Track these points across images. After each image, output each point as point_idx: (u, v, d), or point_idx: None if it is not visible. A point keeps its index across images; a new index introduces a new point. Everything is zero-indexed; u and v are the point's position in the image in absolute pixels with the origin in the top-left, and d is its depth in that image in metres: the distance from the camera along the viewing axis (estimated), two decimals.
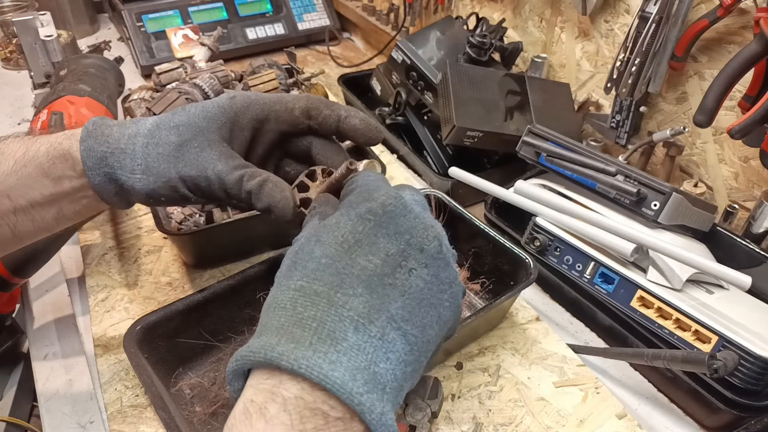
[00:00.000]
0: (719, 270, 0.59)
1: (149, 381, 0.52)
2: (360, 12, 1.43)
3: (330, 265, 0.34)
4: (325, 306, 0.33)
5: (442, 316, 0.37)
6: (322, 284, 0.34)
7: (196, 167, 0.47)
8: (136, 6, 1.29)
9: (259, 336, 0.33)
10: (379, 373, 0.32)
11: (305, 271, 0.35)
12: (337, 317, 0.32)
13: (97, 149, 0.47)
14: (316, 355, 0.31)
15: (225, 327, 0.61)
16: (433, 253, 0.36)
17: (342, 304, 0.33)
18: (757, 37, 0.67)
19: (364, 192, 0.39)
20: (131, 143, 0.47)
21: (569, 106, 0.95)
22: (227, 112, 0.49)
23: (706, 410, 0.59)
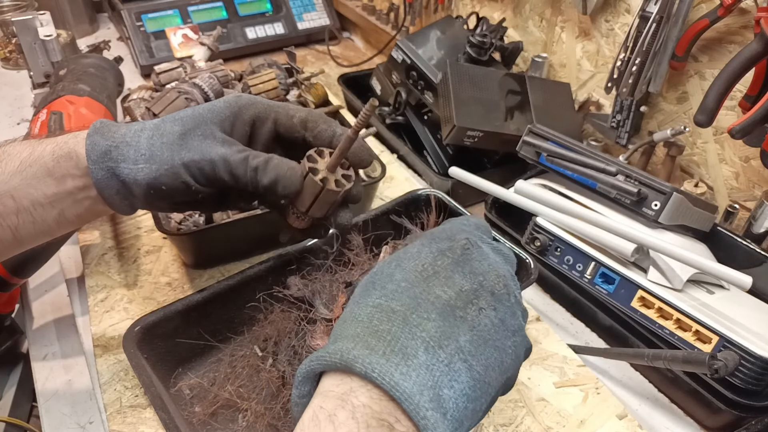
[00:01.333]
0: (720, 270, 0.59)
1: (149, 381, 0.51)
2: (360, 11, 1.43)
3: (408, 288, 0.36)
4: (400, 323, 0.34)
5: (504, 362, 0.38)
6: (400, 304, 0.35)
7: (200, 152, 0.48)
8: (135, 5, 1.29)
9: (334, 342, 0.34)
10: (443, 398, 0.33)
11: (384, 291, 0.37)
12: (411, 335, 0.34)
13: (101, 143, 0.47)
14: (389, 363, 0.32)
15: (225, 327, 0.61)
16: (502, 298, 0.38)
17: (416, 325, 0.34)
18: (758, 36, 0.67)
19: (449, 230, 0.42)
20: (137, 137, 0.48)
21: (570, 106, 0.95)
22: (232, 107, 0.51)
23: (707, 410, 0.59)
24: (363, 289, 0.38)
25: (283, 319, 0.57)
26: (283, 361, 0.55)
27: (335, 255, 0.66)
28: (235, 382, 0.56)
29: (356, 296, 0.38)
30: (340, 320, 0.37)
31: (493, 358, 0.36)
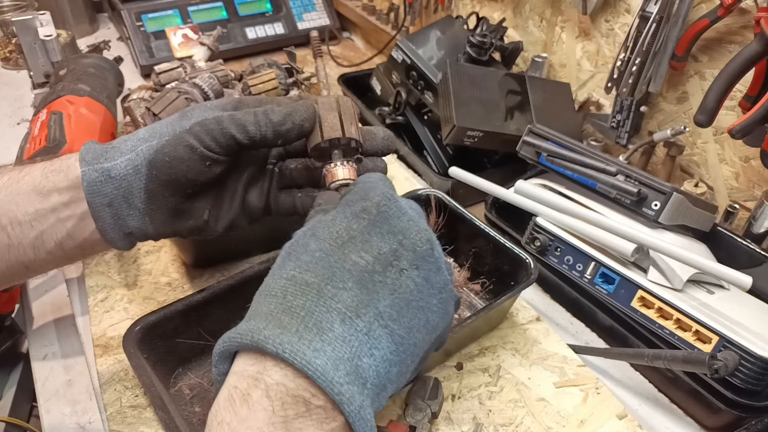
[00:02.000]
0: (720, 270, 0.59)
1: (149, 381, 0.51)
2: (360, 11, 1.43)
3: (323, 258, 0.35)
4: (314, 296, 0.33)
5: (430, 320, 0.37)
6: (314, 276, 0.34)
7: (202, 116, 0.45)
8: (135, 5, 1.29)
9: (248, 320, 0.34)
10: (362, 368, 0.33)
11: (298, 263, 0.35)
12: (325, 308, 0.33)
13: (97, 147, 0.46)
14: (301, 341, 0.32)
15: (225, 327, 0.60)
16: (424, 255, 0.37)
17: (331, 296, 0.34)
18: (758, 36, 0.67)
19: (361, 191, 0.39)
20: (134, 134, 0.46)
21: (570, 106, 0.95)
22: (233, 100, 0.49)
23: (707, 410, 0.59)
24: (280, 260, 0.37)
25: None
26: None
27: None
28: None
29: (273, 267, 0.37)
30: (257, 294, 0.36)
31: (417, 319, 0.36)
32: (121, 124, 0.97)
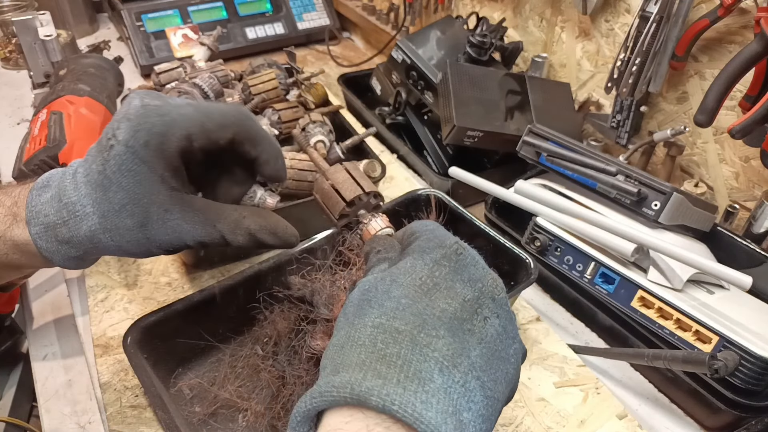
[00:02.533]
0: (720, 270, 0.59)
1: (149, 381, 0.51)
2: (360, 11, 1.43)
3: (410, 305, 0.33)
4: (408, 344, 0.31)
5: (509, 372, 0.35)
6: (404, 323, 0.32)
7: (170, 240, 0.44)
8: (135, 5, 1.29)
9: (336, 373, 0.30)
10: (464, 423, 0.30)
11: (383, 310, 0.33)
12: (422, 357, 0.31)
13: (69, 255, 0.45)
14: (407, 392, 0.29)
15: (225, 327, 0.61)
16: (502, 303, 0.36)
17: (426, 344, 0.31)
18: (758, 36, 0.67)
19: (434, 238, 0.38)
20: (97, 242, 0.44)
21: (570, 106, 0.95)
22: (153, 161, 0.42)
23: (707, 410, 0.59)
24: (357, 308, 0.34)
25: (283, 319, 0.57)
26: (283, 361, 0.55)
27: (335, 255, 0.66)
28: (235, 382, 0.56)
29: (348, 316, 0.34)
30: (334, 345, 0.33)
31: (501, 371, 0.34)
32: None
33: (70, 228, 0.44)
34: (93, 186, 0.43)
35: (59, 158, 0.79)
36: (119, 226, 0.43)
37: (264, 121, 0.83)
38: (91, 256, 0.46)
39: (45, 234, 0.44)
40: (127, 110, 0.42)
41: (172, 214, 0.44)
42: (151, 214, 0.43)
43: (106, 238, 0.44)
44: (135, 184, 0.42)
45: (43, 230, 0.44)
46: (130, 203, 0.43)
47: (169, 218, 0.44)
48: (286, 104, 0.85)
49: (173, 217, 0.44)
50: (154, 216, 0.43)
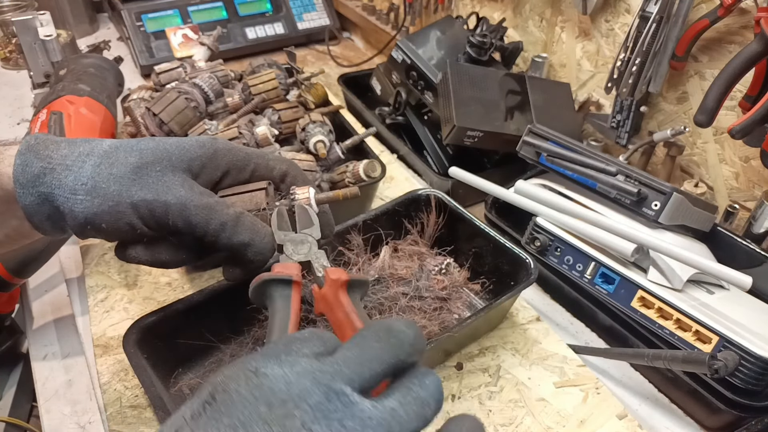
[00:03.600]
0: (720, 270, 0.59)
1: (149, 381, 0.51)
2: (360, 11, 1.43)
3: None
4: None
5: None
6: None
7: (154, 191, 0.42)
8: (135, 5, 1.29)
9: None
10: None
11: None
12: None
13: (34, 164, 0.41)
14: None
15: (225, 327, 0.61)
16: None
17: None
18: (758, 36, 0.67)
19: (224, 368, 0.31)
20: (80, 161, 0.42)
21: (570, 106, 0.95)
22: (206, 147, 0.45)
23: (707, 410, 0.59)
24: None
25: None
26: None
27: (335, 255, 0.66)
28: None
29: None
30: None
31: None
32: (121, 124, 0.97)
33: (70, 144, 0.42)
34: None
35: None
36: (120, 160, 0.42)
37: (264, 121, 0.83)
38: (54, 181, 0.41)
39: (39, 139, 0.42)
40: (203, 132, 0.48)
41: (175, 176, 0.43)
42: (157, 164, 0.42)
43: (94, 162, 0.41)
44: (170, 144, 0.44)
45: (43, 137, 0.42)
46: (148, 149, 0.43)
47: (169, 176, 0.43)
48: (286, 104, 0.85)
49: (173, 177, 0.43)
50: (158, 166, 0.42)
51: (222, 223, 0.43)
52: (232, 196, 0.47)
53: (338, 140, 0.83)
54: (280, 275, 0.42)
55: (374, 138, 1.00)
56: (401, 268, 0.65)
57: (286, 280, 0.41)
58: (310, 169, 0.75)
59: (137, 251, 0.45)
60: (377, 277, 0.64)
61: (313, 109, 0.89)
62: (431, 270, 0.65)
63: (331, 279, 0.42)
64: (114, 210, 0.41)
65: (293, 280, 0.41)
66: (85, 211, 0.41)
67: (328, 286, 0.43)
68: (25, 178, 0.41)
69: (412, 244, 0.70)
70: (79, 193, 0.41)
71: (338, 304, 0.42)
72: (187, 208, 0.42)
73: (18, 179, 0.41)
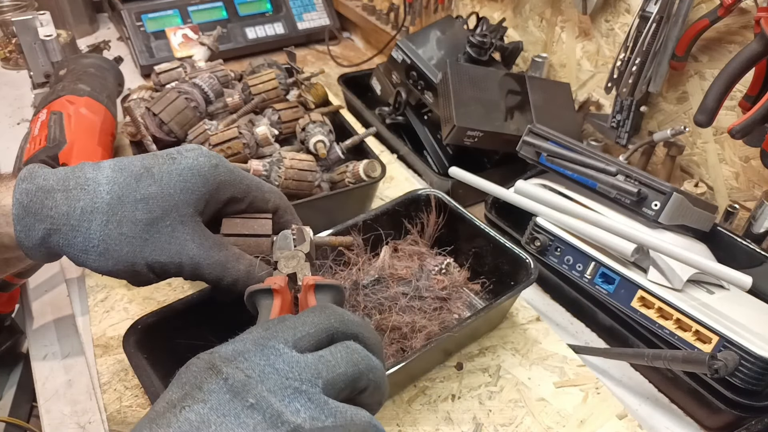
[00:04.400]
0: (720, 270, 0.59)
1: (149, 381, 0.51)
2: (360, 11, 1.43)
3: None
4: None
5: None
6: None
7: (168, 252, 0.42)
8: (135, 5, 1.29)
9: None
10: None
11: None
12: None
13: (37, 228, 0.40)
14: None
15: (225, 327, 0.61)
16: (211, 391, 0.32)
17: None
18: (758, 36, 0.67)
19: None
20: (86, 220, 0.41)
21: (570, 106, 0.95)
22: (209, 182, 0.44)
23: (707, 410, 0.59)
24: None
25: None
26: None
27: (335, 255, 0.66)
28: None
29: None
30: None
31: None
32: (121, 123, 0.97)
33: (68, 196, 0.40)
34: (122, 173, 0.42)
35: (59, 158, 0.79)
36: (126, 216, 0.41)
37: (264, 121, 0.83)
38: (56, 241, 0.41)
39: (33, 194, 0.40)
40: (197, 147, 0.46)
41: (186, 227, 0.43)
42: (167, 218, 0.42)
43: (101, 220, 0.41)
44: (173, 187, 0.43)
45: (34, 189, 0.40)
46: (154, 199, 0.42)
47: (180, 230, 0.43)
48: (286, 104, 0.85)
49: (185, 230, 0.43)
50: (168, 220, 0.42)
51: (234, 279, 0.46)
52: (239, 239, 0.49)
53: (338, 140, 0.83)
54: (262, 286, 0.45)
55: (374, 138, 1.00)
56: (401, 268, 0.65)
57: (267, 290, 0.45)
58: (310, 169, 0.75)
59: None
60: (377, 277, 0.64)
61: (313, 109, 0.89)
62: (431, 270, 0.65)
63: (304, 285, 0.46)
64: (129, 269, 0.43)
65: (273, 289, 0.44)
66: (99, 268, 0.42)
67: (303, 291, 0.46)
68: (30, 243, 0.41)
69: (412, 244, 0.70)
70: (91, 253, 0.41)
71: (306, 305, 0.45)
72: (201, 267, 0.44)
73: (23, 243, 0.41)
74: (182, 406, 0.30)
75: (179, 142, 0.82)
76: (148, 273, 0.44)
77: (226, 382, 0.31)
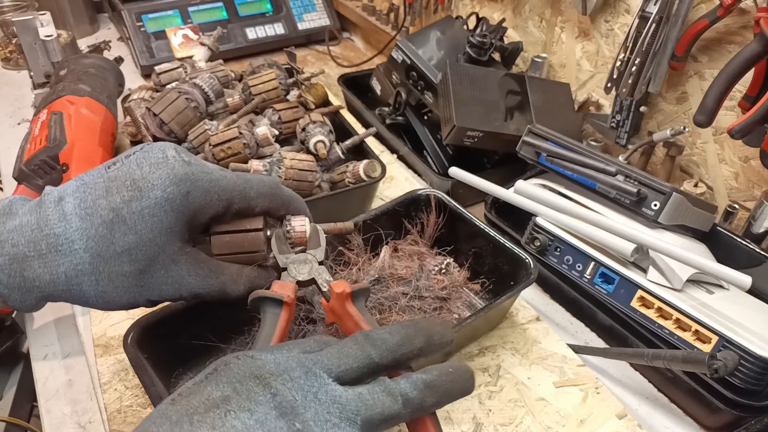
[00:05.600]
0: (719, 270, 0.59)
1: (149, 381, 0.51)
2: (360, 12, 1.43)
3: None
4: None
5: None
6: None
7: (167, 292, 0.43)
8: (135, 6, 1.29)
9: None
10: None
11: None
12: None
13: (28, 297, 0.40)
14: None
15: (225, 327, 0.61)
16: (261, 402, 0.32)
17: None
18: (757, 37, 0.67)
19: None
20: (75, 284, 0.40)
21: (569, 106, 0.95)
22: (184, 215, 0.42)
23: (707, 410, 0.59)
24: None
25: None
26: None
27: (335, 255, 0.66)
28: None
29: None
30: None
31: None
32: (122, 124, 0.97)
33: (46, 263, 0.39)
34: (91, 221, 0.39)
35: (59, 158, 0.79)
36: (114, 271, 0.40)
37: (264, 121, 0.83)
38: (54, 300, 0.41)
39: (9, 267, 0.39)
40: (163, 158, 0.41)
41: (178, 265, 0.42)
42: (156, 263, 0.41)
43: (90, 281, 0.40)
44: (151, 231, 0.40)
45: (8, 262, 0.39)
46: (137, 249, 0.40)
47: (174, 269, 0.42)
48: (287, 104, 0.85)
49: (178, 268, 0.42)
50: (158, 265, 0.41)
51: (236, 298, 0.46)
52: (232, 256, 0.48)
53: (338, 140, 0.83)
54: (274, 295, 0.45)
55: (374, 138, 1.01)
56: (401, 268, 0.65)
57: (279, 300, 0.44)
58: (310, 169, 0.75)
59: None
60: (377, 277, 0.64)
61: (313, 110, 0.89)
62: (431, 270, 0.65)
63: (336, 293, 0.45)
64: (132, 305, 0.43)
65: (284, 301, 0.44)
66: (104, 308, 0.43)
67: (334, 299, 0.46)
68: (28, 308, 0.41)
69: (412, 244, 0.70)
70: (92, 305, 0.42)
71: (347, 314, 0.45)
72: (201, 296, 0.45)
73: (22, 311, 0.42)
74: (227, 410, 0.30)
75: (179, 142, 0.82)
76: (150, 305, 0.45)
77: (274, 398, 0.31)
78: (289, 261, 0.48)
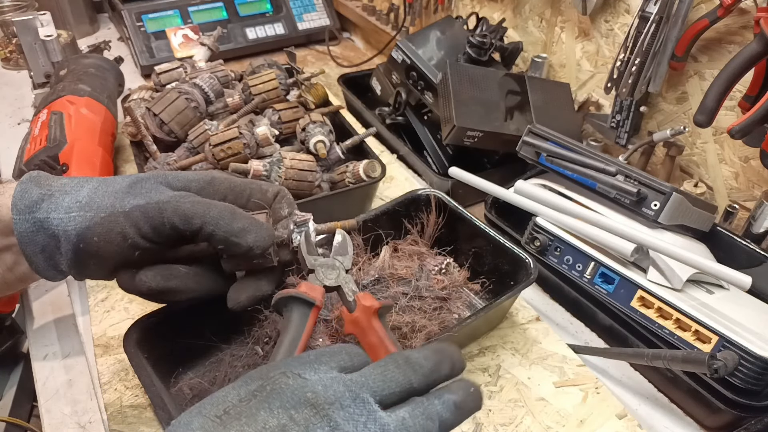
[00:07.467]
0: (719, 270, 0.59)
1: (149, 381, 0.51)
2: (360, 12, 1.43)
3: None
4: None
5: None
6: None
7: (147, 196, 0.44)
8: (135, 6, 1.29)
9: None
10: None
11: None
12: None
13: (34, 192, 0.43)
14: None
15: (225, 327, 0.61)
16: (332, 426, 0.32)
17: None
18: (757, 37, 0.67)
19: (262, 371, 0.36)
20: (78, 186, 0.44)
21: (569, 106, 0.95)
22: (202, 174, 0.47)
23: (707, 410, 0.59)
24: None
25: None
26: None
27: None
28: None
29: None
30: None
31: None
32: (122, 124, 0.97)
33: (69, 179, 0.45)
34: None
35: (60, 158, 0.79)
36: (117, 181, 0.44)
37: (264, 121, 0.83)
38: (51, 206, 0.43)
39: (34, 175, 0.44)
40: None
41: (167, 188, 0.46)
42: (150, 180, 0.45)
43: (92, 187, 0.44)
44: (172, 175, 0.46)
45: (35, 175, 0.44)
46: (146, 174, 0.46)
47: (161, 188, 0.45)
48: (287, 104, 0.85)
49: (164, 189, 0.45)
50: (150, 180, 0.45)
51: (219, 212, 0.44)
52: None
53: (338, 140, 0.83)
54: (306, 296, 0.44)
55: (374, 138, 1.01)
56: (401, 268, 0.65)
57: (310, 302, 0.44)
58: (310, 169, 0.75)
59: (147, 275, 0.46)
60: (377, 277, 0.64)
61: (313, 109, 0.89)
62: (431, 270, 0.65)
63: (364, 306, 0.46)
64: (106, 220, 0.43)
65: (315, 304, 0.44)
66: (77, 227, 0.42)
67: (360, 311, 0.46)
68: (23, 204, 0.42)
69: (412, 244, 0.70)
70: (73, 210, 0.43)
71: (371, 329, 0.46)
72: (182, 204, 0.44)
73: (16, 205, 0.42)
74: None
75: (179, 142, 0.82)
76: (126, 223, 0.43)
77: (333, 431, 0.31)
78: (317, 263, 0.48)
